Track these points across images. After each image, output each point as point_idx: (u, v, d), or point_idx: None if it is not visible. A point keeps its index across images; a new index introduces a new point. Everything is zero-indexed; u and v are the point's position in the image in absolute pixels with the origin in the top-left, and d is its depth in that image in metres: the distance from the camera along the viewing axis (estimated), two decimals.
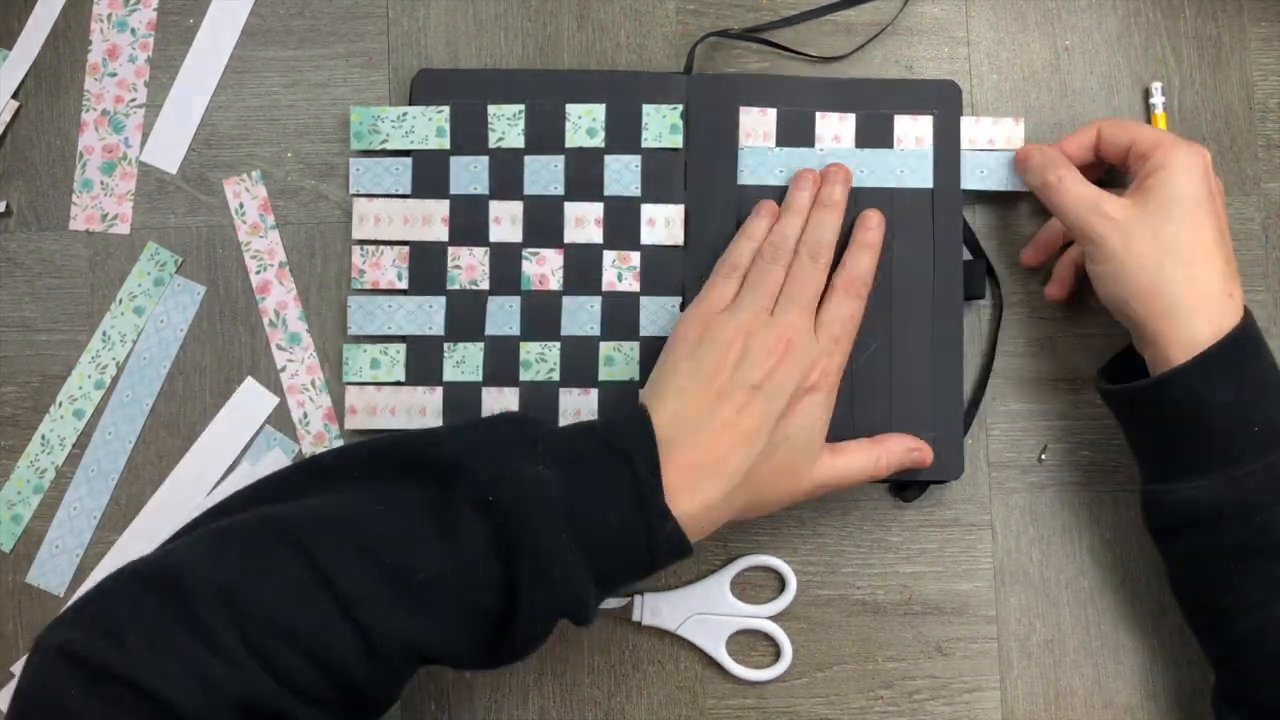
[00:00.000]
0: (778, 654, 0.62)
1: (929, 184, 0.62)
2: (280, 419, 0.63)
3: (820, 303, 0.57)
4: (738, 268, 0.58)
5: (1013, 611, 0.63)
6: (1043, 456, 0.64)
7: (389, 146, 0.63)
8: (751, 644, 0.63)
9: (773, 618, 0.62)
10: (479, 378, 0.62)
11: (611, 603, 0.62)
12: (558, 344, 0.62)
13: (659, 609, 0.62)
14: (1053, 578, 0.63)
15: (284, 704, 0.46)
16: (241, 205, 0.64)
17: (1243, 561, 0.53)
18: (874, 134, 0.62)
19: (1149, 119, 0.65)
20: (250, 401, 0.63)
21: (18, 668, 0.61)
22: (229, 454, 0.63)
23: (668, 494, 0.50)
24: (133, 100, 0.65)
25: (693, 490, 0.51)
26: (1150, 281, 0.54)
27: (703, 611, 0.62)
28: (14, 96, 0.64)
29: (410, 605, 0.47)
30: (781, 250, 0.57)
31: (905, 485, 0.62)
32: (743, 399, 0.53)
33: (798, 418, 0.54)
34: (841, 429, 0.60)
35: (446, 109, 0.62)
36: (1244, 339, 0.54)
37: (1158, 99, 0.64)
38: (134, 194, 0.64)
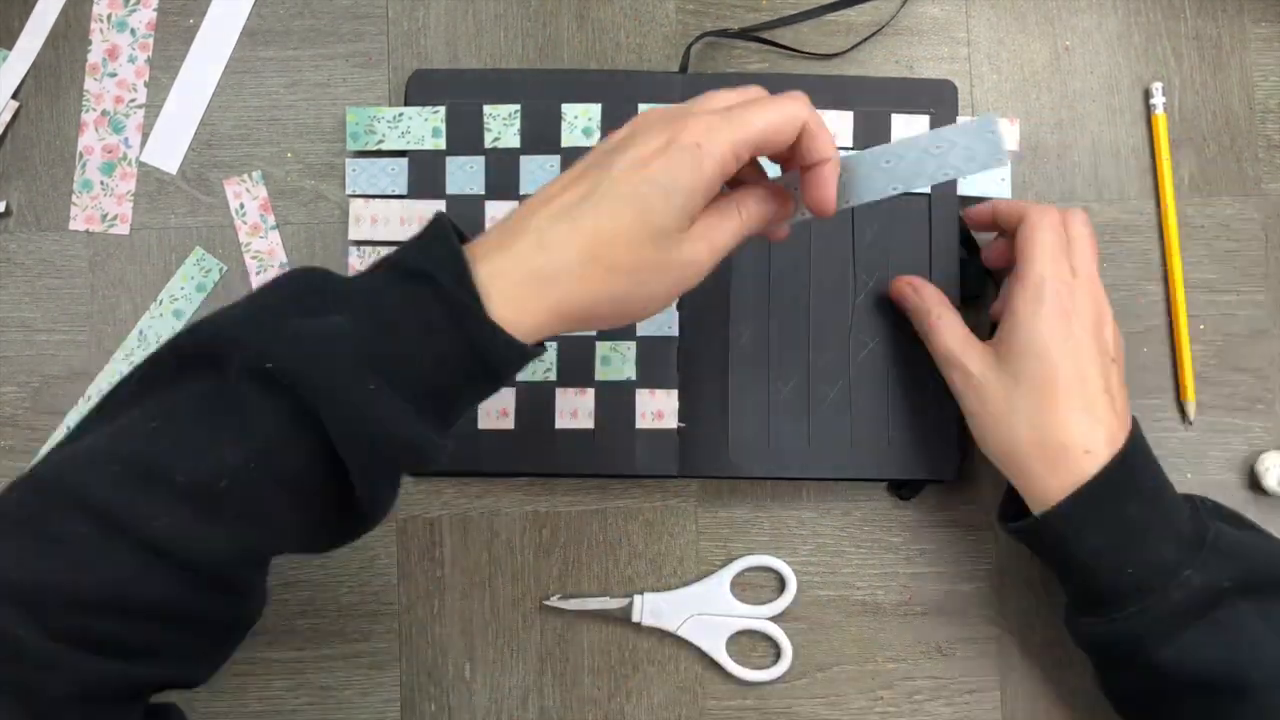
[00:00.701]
0: (778, 654, 0.62)
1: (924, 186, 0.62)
2: None
3: None
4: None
5: (1013, 612, 0.63)
6: None
7: (385, 147, 0.63)
8: (751, 644, 0.63)
9: (773, 618, 0.62)
10: None
11: (612, 603, 0.62)
12: (555, 343, 0.62)
13: (659, 609, 0.62)
14: (1053, 578, 0.63)
15: (122, 676, 0.41)
16: (242, 205, 0.64)
17: (1146, 697, 0.54)
18: (871, 132, 0.62)
19: (1149, 119, 0.65)
20: None
21: None
22: None
23: (486, 295, 0.43)
24: (133, 100, 0.65)
25: (520, 284, 0.44)
26: (1001, 440, 0.54)
27: (703, 612, 0.62)
28: (14, 96, 0.64)
29: (221, 516, 0.41)
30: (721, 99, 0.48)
31: (903, 484, 0.62)
32: (583, 165, 0.46)
33: (654, 169, 0.44)
34: (839, 429, 0.60)
35: (442, 109, 0.62)
36: (1112, 480, 0.52)
37: (1158, 99, 0.64)
38: (134, 194, 0.64)
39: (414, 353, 0.43)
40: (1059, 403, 0.52)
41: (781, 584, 0.63)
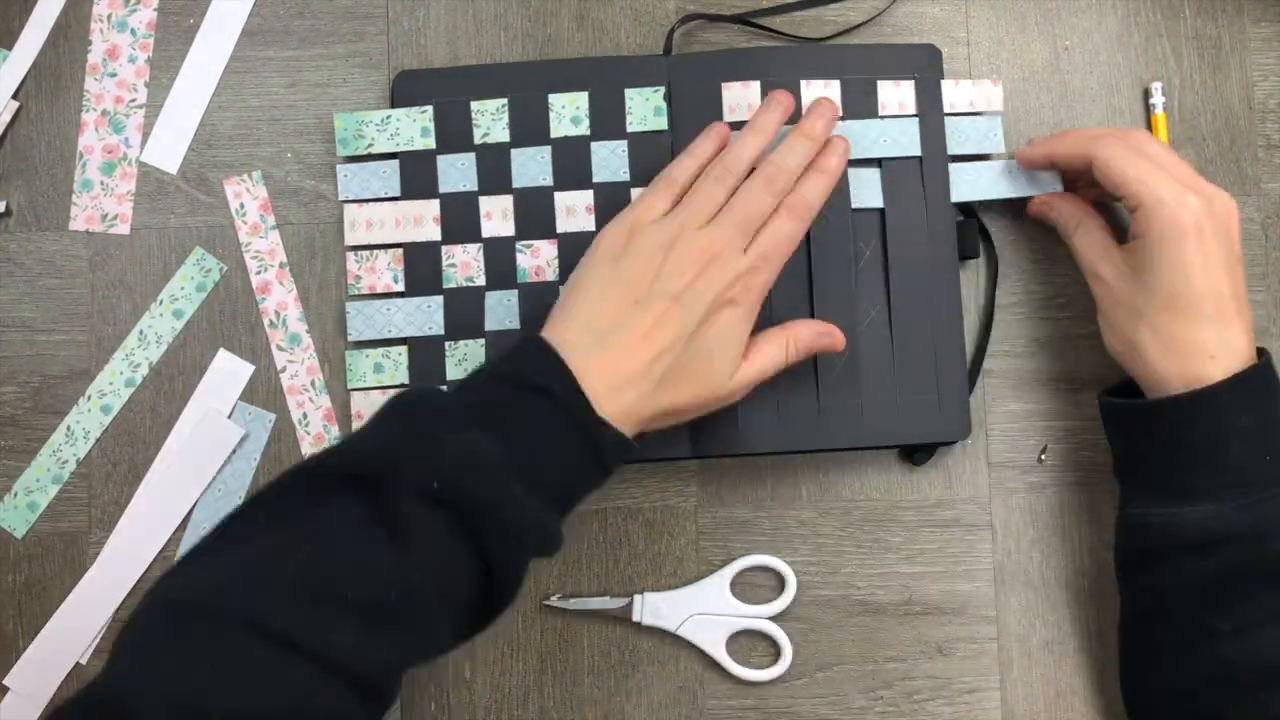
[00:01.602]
0: (778, 654, 0.62)
1: (916, 150, 0.62)
2: (256, 389, 0.63)
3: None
4: (674, 183, 0.57)
5: (1013, 612, 0.63)
6: (1043, 456, 0.64)
7: (375, 150, 0.63)
8: (751, 644, 0.63)
9: (773, 618, 0.62)
10: None
11: (612, 603, 0.62)
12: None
13: (659, 609, 0.62)
14: (1053, 578, 0.63)
15: None
16: (242, 205, 0.64)
17: (1243, 585, 0.53)
18: (859, 100, 0.62)
19: (1149, 120, 0.65)
20: (226, 370, 0.63)
21: (17, 669, 0.61)
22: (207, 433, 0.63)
23: (593, 402, 0.50)
24: (133, 100, 0.65)
25: (613, 395, 0.51)
26: (1128, 338, 0.56)
27: (703, 611, 0.62)
28: (14, 96, 0.64)
29: (390, 629, 0.44)
30: (732, 171, 0.56)
31: (915, 449, 0.62)
32: (661, 309, 0.53)
33: (715, 329, 0.54)
34: (848, 398, 0.61)
35: (429, 109, 0.62)
36: (1261, 373, 0.54)
37: (1157, 99, 0.64)
38: (134, 194, 0.64)
39: (544, 458, 0.49)
40: (1190, 315, 0.54)
41: (781, 584, 0.63)
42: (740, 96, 0.62)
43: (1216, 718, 0.53)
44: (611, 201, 0.62)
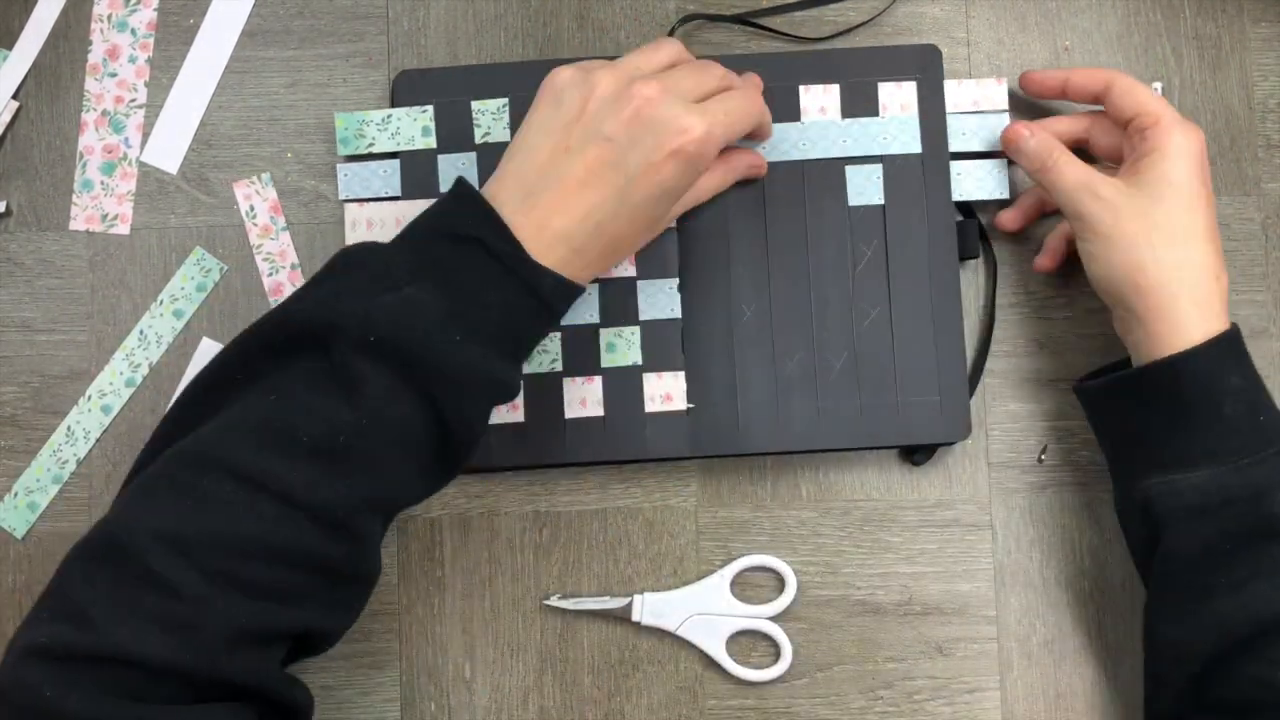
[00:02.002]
0: (778, 654, 0.62)
1: (917, 149, 0.62)
2: None
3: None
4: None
5: (1013, 612, 0.63)
6: (1043, 457, 0.64)
7: (375, 150, 0.63)
8: (751, 644, 0.63)
9: (773, 618, 0.62)
10: None
11: (612, 603, 0.62)
12: (558, 334, 0.62)
13: (659, 609, 0.62)
14: (1053, 578, 0.63)
15: (268, 618, 0.46)
16: (252, 208, 0.64)
17: (1242, 544, 0.53)
18: (859, 103, 0.62)
19: None
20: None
21: None
22: None
23: (527, 250, 0.51)
24: (133, 100, 0.65)
25: (546, 250, 0.51)
26: (1137, 260, 0.55)
27: (703, 611, 0.62)
28: (14, 96, 0.64)
29: (343, 468, 0.48)
30: (673, 45, 0.56)
31: (915, 449, 0.62)
32: (594, 155, 0.51)
33: (654, 179, 0.52)
34: (847, 398, 0.61)
35: (430, 108, 0.62)
36: (1240, 336, 0.55)
37: None
38: (134, 194, 0.64)
39: (482, 305, 0.50)
40: (1200, 230, 0.55)
41: (781, 584, 0.63)
42: None
43: (1220, 673, 0.53)
44: None
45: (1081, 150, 0.61)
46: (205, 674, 0.44)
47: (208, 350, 0.63)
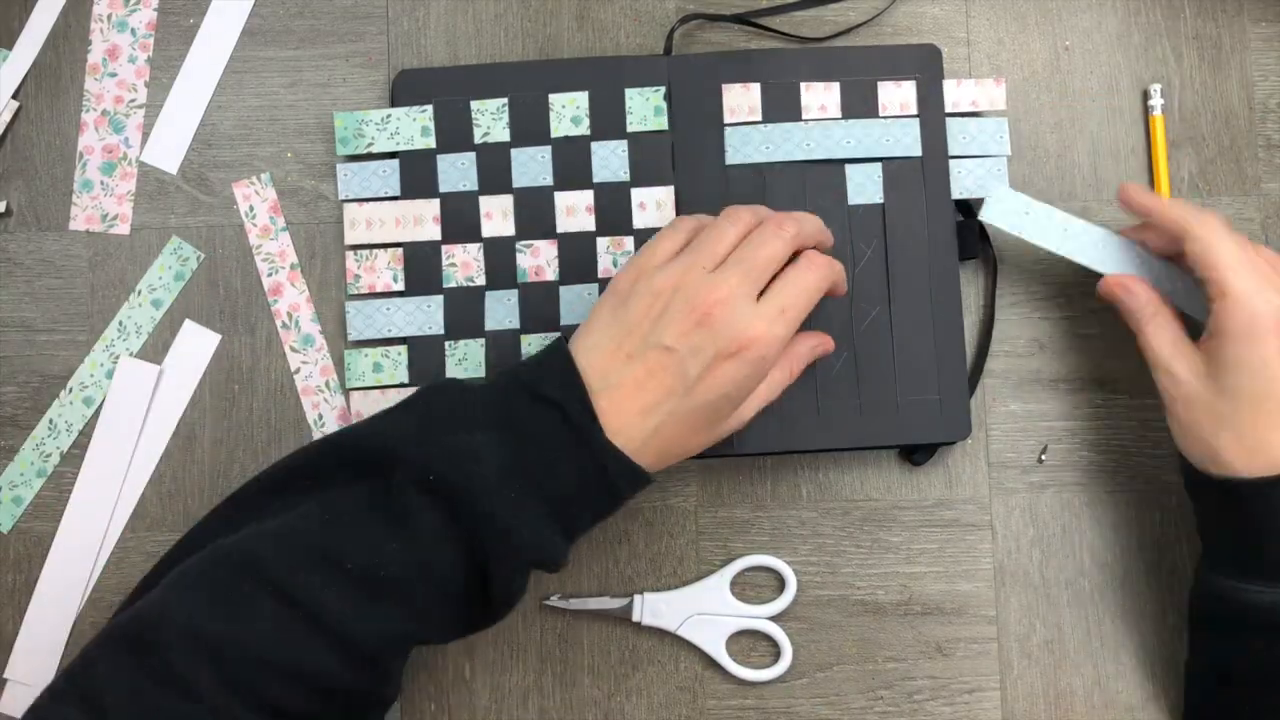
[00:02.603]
0: (778, 654, 0.62)
1: (917, 151, 0.62)
2: (222, 356, 0.63)
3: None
4: (688, 226, 0.54)
5: (1013, 612, 0.63)
6: (1043, 457, 0.64)
7: (375, 150, 0.63)
8: (751, 644, 0.63)
9: (773, 618, 0.62)
10: (482, 374, 0.62)
11: (612, 603, 0.62)
12: (558, 334, 0.62)
13: (659, 609, 0.62)
14: (1053, 578, 0.63)
15: None
16: (252, 208, 0.64)
17: None
18: (859, 103, 0.62)
19: (1147, 121, 0.65)
20: (192, 343, 0.63)
21: (15, 670, 0.61)
22: (179, 397, 0.63)
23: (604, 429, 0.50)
24: (133, 100, 0.65)
25: (615, 434, 0.50)
26: (1211, 447, 0.54)
27: (703, 611, 0.62)
28: (14, 96, 0.64)
29: (381, 603, 0.48)
30: (743, 215, 0.54)
31: (915, 449, 0.62)
32: (653, 361, 0.50)
33: (716, 383, 0.51)
34: (847, 398, 0.61)
35: (429, 108, 0.62)
36: None
37: (1156, 101, 0.64)
38: (134, 194, 0.64)
39: (547, 469, 0.49)
40: (1274, 420, 0.52)
41: (781, 584, 0.63)
42: (741, 98, 0.62)
43: None
44: (612, 201, 0.62)
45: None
46: None
47: (190, 332, 0.63)
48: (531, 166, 0.62)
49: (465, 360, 0.62)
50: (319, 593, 0.47)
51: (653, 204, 0.62)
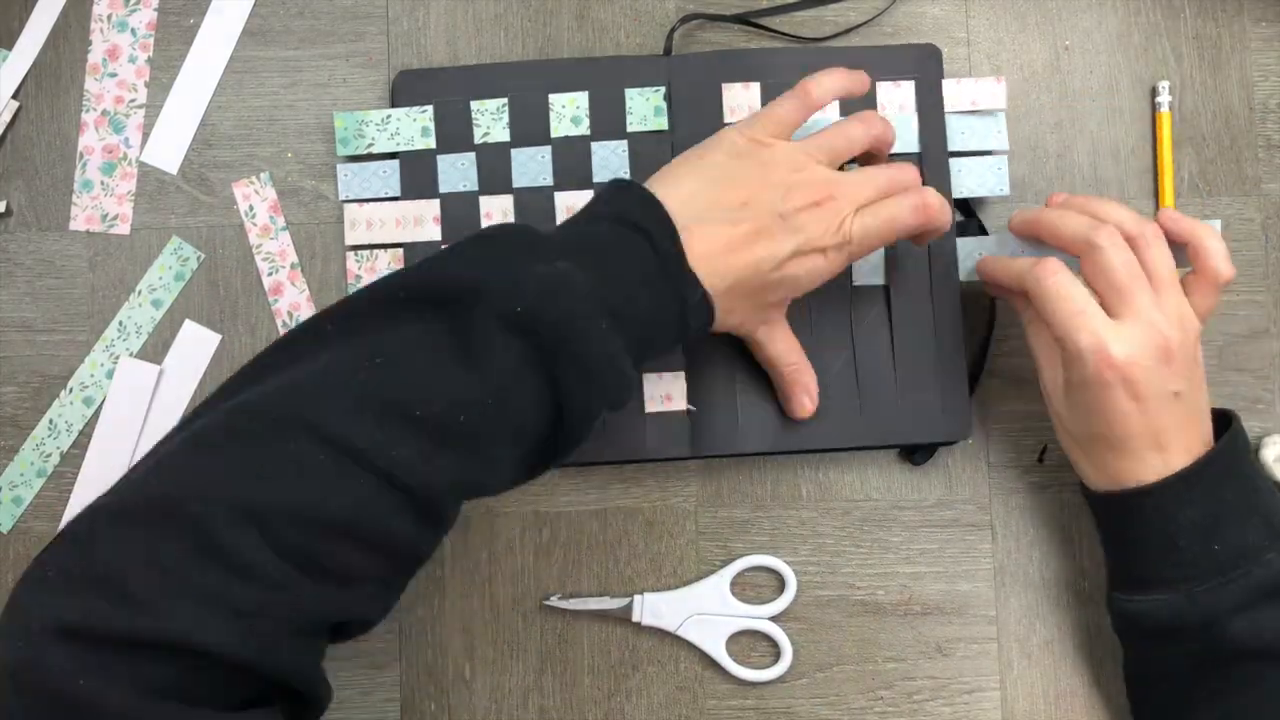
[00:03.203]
0: (778, 654, 0.62)
1: (915, 149, 0.62)
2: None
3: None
4: (810, 96, 0.54)
5: (1013, 612, 0.63)
6: (1043, 457, 0.64)
7: (375, 150, 0.63)
8: (751, 644, 0.63)
9: (773, 618, 0.62)
10: None
11: (612, 603, 0.62)
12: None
13: (659, 609, 0.62)
14: (1053, 578, 0.63)
15: (328, 604, 0.41)
16: (252, 208, 0.64)
17: (1198, 667, 0.54)
18: (858, 102, 0.62)
19: (1152, 118, 0.65)
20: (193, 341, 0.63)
21: None
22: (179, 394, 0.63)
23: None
24: (133, 100, 0.65)
25: (698, 275, 0.49)
26: (1065, 447, 0.57)
27: (703, 611, 0.62)
28: (14, 96, 0.64)
29: (456, 451, 0.43)
30: (876, 123, 0.55)
31: (915, 449, 0.62)
32: (767, 222, 0.51)
33: (798, 268, 0.52)
34: (847, 398, 0.61)
35: (429, 108, 0.62)
36: (1213, 465, 0.53)
37: (1164, 98, 0.64)
38: (134, 194, 0.64)
39: (633, 300, 0.47)
40: (1121, 451, 0.53)
41: (781, 584, 0.63)
42: (740, 97, 0.62)
43: None
44: None
45: None
46: (264, 669, 0.40)
47: (190, 332, 0.63)
48: (531, 167, 0.62)
49: None
50: (385, 444, 0.42)
51: None
